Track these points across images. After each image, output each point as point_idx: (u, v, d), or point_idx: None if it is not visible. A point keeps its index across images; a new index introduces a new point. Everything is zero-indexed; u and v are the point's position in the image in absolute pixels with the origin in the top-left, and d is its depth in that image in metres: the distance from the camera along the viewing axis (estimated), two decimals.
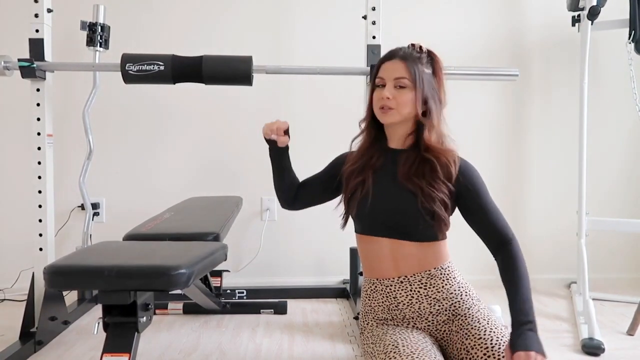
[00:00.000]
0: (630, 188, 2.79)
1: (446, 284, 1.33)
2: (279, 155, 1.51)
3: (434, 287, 1.32)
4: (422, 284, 1.32)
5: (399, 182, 1.31)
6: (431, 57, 1.35)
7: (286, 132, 1.49)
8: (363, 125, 1.43)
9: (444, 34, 2.71)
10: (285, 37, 2.69)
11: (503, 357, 1.14)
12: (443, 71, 1.36)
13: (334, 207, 1.46)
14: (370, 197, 1.32)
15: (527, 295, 1.24)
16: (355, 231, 1.43)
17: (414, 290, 1.32)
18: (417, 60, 1.31)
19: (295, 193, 1.52)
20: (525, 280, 1.27)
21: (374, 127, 1.40)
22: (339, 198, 1.45)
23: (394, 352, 1.17)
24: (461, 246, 1.60)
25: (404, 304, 1.33)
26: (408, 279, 1.33)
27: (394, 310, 1.34)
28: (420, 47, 1.35)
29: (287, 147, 1.51)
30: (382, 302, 1.36)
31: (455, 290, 1.33)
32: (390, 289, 1.35)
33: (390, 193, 1.32)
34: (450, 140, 1.36)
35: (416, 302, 1.32)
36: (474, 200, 1.30)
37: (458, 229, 1.35)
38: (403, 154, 1.35)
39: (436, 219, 1.27)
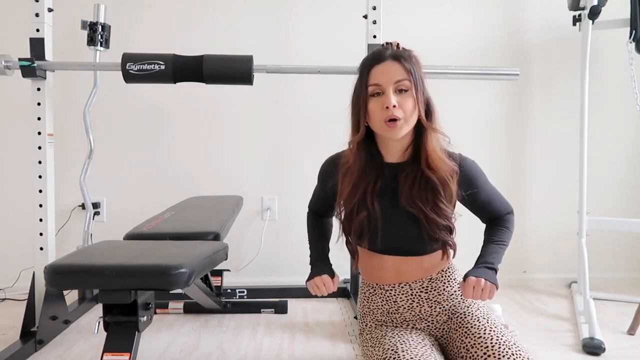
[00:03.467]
0: (631, 187, 2.79)
1: (447, 287, 1.33)
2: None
3: (435, 290, 1.32)
4: (423, 288, 1.32)
5: (401, 205, 1.24)
6: (414, 55, 1.24)
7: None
8: (353, 146, 1.25)
9: (445, 33, 2.71)
10: (286, 37, 2.69)
11: (503, 356, 1.14)
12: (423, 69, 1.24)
13: (334, 242, 1.43)
14: (380, 228, 1.25)
15: (500, 251, 1.27)
16: (357, 244, 1.36)
17: (415, 295, 1.32)
18: (409, 58, 1.20)
19: (327, 219, 1.52)
20: (506, 239, 1.30)
21: (366, 143, 1.24)
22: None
23: (394, 358, 1.16)
24: (461, 246, 1.60)
25: (405, 308, 1.33)
26: (409, 284, 1.33)
27: (394, 313, 1.34)
28: (398, 45, 1.24)
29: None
30: (382, 306, 1.35)
31: (455, 292, 1.33)
32: (390, 293, 1.34)
33: (393, 217, 1.26)
34: (448, 144, 1.27)
35: (417, 306, 1.32)
36: (477, 197, 1.32)
37: (457, 228, 1.35)
38: (403, 170, 1.25)
39: (441, 244, 1.28)
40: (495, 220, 1.36)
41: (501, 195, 1.37)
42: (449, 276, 1.34)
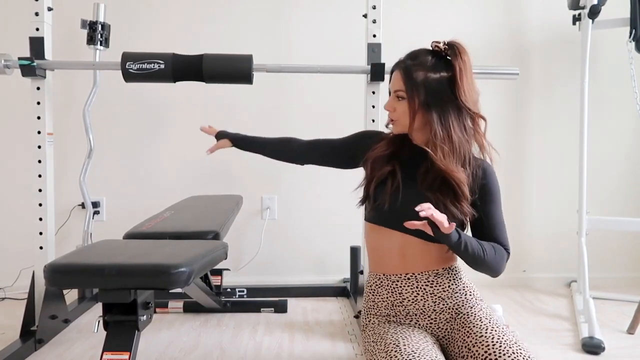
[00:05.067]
0: (630, 187, 2.79)
1: (452, 284, 1.34)
2: (241, 148, 1.74)
3: (440, 285, 1.33)
4: (428, 281, 1.33)
5: (420, 186, 1.29)
6: (448, 59, 1.30)
7: (218, 137, 1.78)
8: (391, 126, 1.41)
9: (445, 32, 2.65)
10: (285, 36, 2.69)
11: (504, 354, 1.14)
12: (467, 71, 1.29)
13: (353, 190, 1.43)
14: (401, 192, 1.30)
15: (476, 246, 1.24)
16: (366, 219, 1.42)
17: (420, 288, 1.33)
18: (419, 66, 1.28)
19: (302, 153, 1.63)
20: (489, 252, 1.27)
21: None
22: (354, 177, 1.45)
23: (395, 351, 1.18)
24: None
25: (409, 300, 1.34)
26: (415, 276, 1.33)
27: (398, 306, 1.35)
28: (437, 46, 1.31)
29: (235, 140, 1.76)
30: (387, 298, 1.37)
31: (460, 290, 1.34)
32: (396, 285, 1.35)
33: (413, 192, 1.29)
34: (486, 151, 1.35)
35: (421, 299, 1.33)
36: (485, 208, 1.31)
37: None
38: (424, 156, 1.30)
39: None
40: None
41: (505, 229, 1.35)
42: (454, 275, 1.35)
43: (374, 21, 2.08)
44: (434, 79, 1.28)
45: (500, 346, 1.17)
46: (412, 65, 1.30)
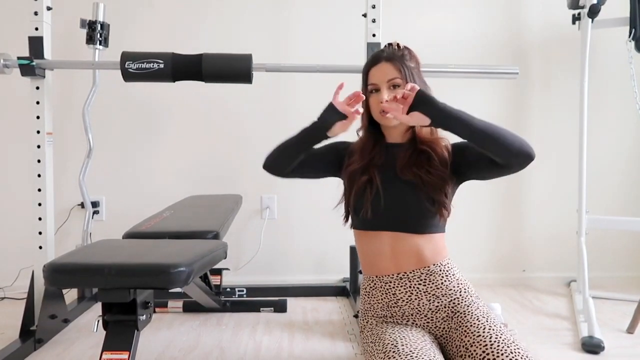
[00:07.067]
0: (630, 186, 2.79)
1: (445, 281, 1.34)
2: (321, 136, 1.40)
3: (433, 283, 1.33)
4: (421, 280, 1.33)
5: (399, 173, 1.35)
6: (410, 52, 1.40)
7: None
8: (361, 133, 1.46)
9: (444, 32, 2.71)
10: (285, 35, 2.69)
11: (502, 354, 1.14)
12: (420, 64, 1.41)
13: (334, 207, 1.48)
14: (382, 194, 1.34)
15: (467, 115, 1.27)
16: (353, 227, 1.45)
17: (413, 287, 1.34)
18: (402, 57, 1.36)
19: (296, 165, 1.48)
20: (488, 123, 1.33)
21: (372, 130, 1.43)
22: (336, 195, 1.47)
23: (393, 352, 1.18)
24: (461, 245, 1.61)
25: (403, 301, 1.34)
26: (407, 275, 1.34)
27: (393, 307, 1.35)
28: (398, 45, 1.40)
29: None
30: (382, 299, 1.37)
31: (454, 287, 1.34)
32: (389, 286, 1.36)
33: (393, 186, 1.35)
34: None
35: (415, 299, 1.33)
36: (466, 147, 1.33)
37: (458, 227, 1.35)
38: (402, 147, 1.39)
39: (437, 205, 1.32)
40: None
41: None
42: (447, 271, 1.35)
43: (374, 21, 2.08)
44: (413, 67, 1.37)
45: (499, 345, 1.17)
46: (400, 55, 1.37)
